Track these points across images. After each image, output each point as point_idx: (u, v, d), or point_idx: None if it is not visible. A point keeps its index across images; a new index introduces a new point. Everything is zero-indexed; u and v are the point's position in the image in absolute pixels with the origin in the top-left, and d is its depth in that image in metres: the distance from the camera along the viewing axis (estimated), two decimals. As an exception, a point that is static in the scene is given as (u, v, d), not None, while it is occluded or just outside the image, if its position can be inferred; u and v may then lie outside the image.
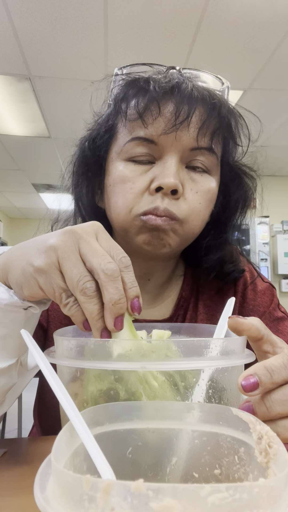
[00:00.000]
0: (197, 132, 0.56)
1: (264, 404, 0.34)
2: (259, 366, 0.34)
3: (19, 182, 5.50)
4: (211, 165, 0.60)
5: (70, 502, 0.20)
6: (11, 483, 0.42)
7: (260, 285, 0.74)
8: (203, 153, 0.58)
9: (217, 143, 0.60)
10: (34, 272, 0.39)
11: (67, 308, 0.38)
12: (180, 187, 0.55)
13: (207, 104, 0.57)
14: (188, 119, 0.55)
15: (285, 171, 4.99)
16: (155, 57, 2.55)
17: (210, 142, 0.58)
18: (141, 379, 0.35)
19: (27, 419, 1.18)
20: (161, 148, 0.57)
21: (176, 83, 0.56)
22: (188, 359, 0.34)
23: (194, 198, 0.58)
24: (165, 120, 0.56)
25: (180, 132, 0.56)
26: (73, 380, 0.37)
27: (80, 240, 0.38)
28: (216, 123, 0.58)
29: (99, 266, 0.36)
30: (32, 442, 0.56)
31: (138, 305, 0.39)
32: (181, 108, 0.55)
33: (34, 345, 0.36)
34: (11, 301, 0.42)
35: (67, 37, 2.39)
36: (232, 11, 2.18)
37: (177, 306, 0.71)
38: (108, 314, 0.37)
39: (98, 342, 0.35)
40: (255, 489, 0.19)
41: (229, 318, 0.39)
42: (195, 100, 0.56)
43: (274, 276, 4.89)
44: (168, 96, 0.56)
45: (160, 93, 0.56)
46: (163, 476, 0.31)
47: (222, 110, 0.58)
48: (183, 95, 0.55)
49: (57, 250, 0.38)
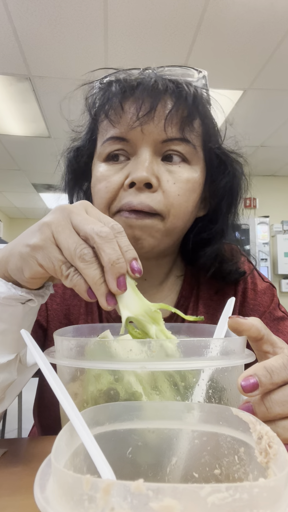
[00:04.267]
0: (164, 123, 0.55)
1: (264, 405, 0.34)
2: (259, 367, 0.34)
3: (19, 182, 5.50)
4: (189, 154, 0.58)
5: (70, 502, 0.20)
6: (11, 483, 0.42)
7: (260, 285, 0.73)
8: (176, 144, 0.57)
9: (191, 132, 0.58)
10: (31, 251, 0.39)
11: (68, 279, 0.38)
12: (153, 180, 0.54)
13: (173, 95, 0.56)
14: (152, 111, 0.55)
15: (285, 171, 4.99)
16: (155, 57, 2.54)
17: (180, 131, 0.56)
18: (141, 379, 0.35)
19: (27, 419, 1.18)
20: (133, 144, 0.57)
21: (141, 79, 0.57)
22: (188, 359, 0.34)
23: (172, 189, 0.56)
24: (130, 116, 0.56)
25: (147, 126, 0.55)
26: (73, 380, 0.37)
27: (71, 213, 0.39)
28: (184, 112, 0.56)
29: (92, 231, 0.37)
30: (32, 442, 0.56)
31: (137, 266, 0.39)
32: (144, 101, 0.55)
33: (34, 345, 0.36)
34: (9, 294, 0.43)
35: (67, 37, 2.39)
36: (232, 11, 2.18)
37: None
38: (109, 276, 0.37)
39: (98, 342, 0.35)
40: (255, 489, 0.19)
41: (229, 318, 0.39)
42: (159, 92, 0.55)
43: (274, 276, 4.89)
44: (131, 93, 0.56)
45: (122, 91, 0.56)
46: (163, 476, 0.31)
47: (189, 98, 0.56)
48: (145, 89, 0.55)
49: (51, 225, 0.39)
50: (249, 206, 4.95)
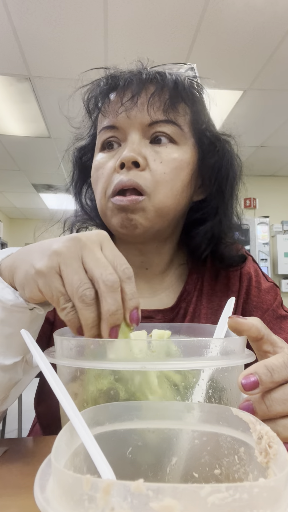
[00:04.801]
0: (147, 107, 0.59)
1: (264, 403, 0.34)
2: (260, 365, 0.34)
3: (19, 182, 5.50)
4: (175, 135, 0.61)
5: (70, 502, 0.20)
6: (11, 483, 0.42)
7: (264, 284, 0.74)
8: (162, 125, 0.60)
9: (175, 114, 0.60)
10: (34, 274, 0.39)
11: (64, 313, 0.38)
12: (139, 159, 0.57)
13: (155, 81, 0.60)
14: (135, 97, 0.59)
15: (285, 171, 4.99)
16: (155, 57, 2.54)
17: (164, 113, 0.59)
18: (141, 379, 0.35)
19: (27, 419, 1.18)
20: (122, 131, 0.61)
21: (126, 72, 0.62)
22: (188, 359, 0.34)
23: (158, 168, 0.59)
24: (117, 104, 0.60)
25: (132, 111, 0.59)
26: (73, 380, 0.37)
27: (84, 248, 0.39)
28: (166, 95, 0.59)
29: (100, 276, 0.37)
30: (32, 442, 0.56)
31: (136, 316, 0.39)
32: (128, 89, 0.59)
33: (34, 345, 0.36)
34: (16, 302, 0.43)
35: (67, 37, 2.39)
36: (232, 11, 2.18)
37: (180, 298, 0.70)
38: (104, 324, 0.37)
39: (98, 342, 0.35)
40: (255, 489, 0.19)
41: (229, 318, 0.39)
42: (142, 81, 0.59)
43: (274, 276, 4.89)
44: (117, 84, 0.61)
45: (108, 83, 0.61)
46: (163, 476, 0.31)
47: (171, 84, 0.60)
48: (130, 79, 0.60)
49: (60, 255, 0.38)
50: (249, 206, 4.96)
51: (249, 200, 4.93)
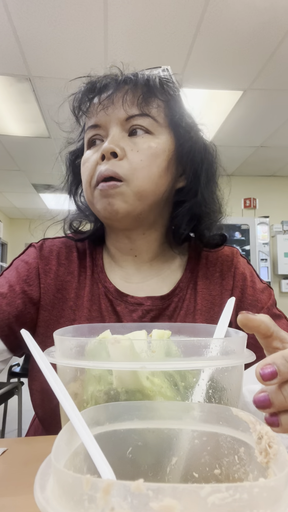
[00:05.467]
0: (122, 103, 0.65)
1: (282, 394, 0.33)
2: (278, 356, 0.34)
3: (19, 182, 5.50)
4: (151, 126, 0.66)
5: (70, 502, 0.20)
6: (11, 483, 0.42)
7: (259, 284, 0.75)
8: (137, 119, 0.66)
9: (149, 107, 0.66)
10: None
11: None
12: (117, 149, 0.63)
13: (129, 81, 0.66)
14: (112, 96, 0.65)
15: (285, 171, 4.99)
16: (155, 57, 2.55)
17: (138, 108, 0.65)
18: (141, 379, 0.35)
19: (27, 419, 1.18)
20: (104, 128, 0.67)
21: (104, 76, 0.68)
22: (188, 359, 0.34)
23: (134, 156, 0.64)
24: (97, 104, 0.67)
25: (110, 108, 0.66)
26: (73, 380, 0.37)
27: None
28: (140, 92, 0.66)
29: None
30: (32, 442, 0.56)
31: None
32: (105, 90, 0.66)
33: (34, 345, 0.36)
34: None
35: (67, 37, 2.39)
36: (232, 11, 2.18)
37: (173, 293, 0.72)
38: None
39: (98, 342, 0.35)
40: (255, 489, 0.19)
41: (239, 314, 0.39)
42: (118, 82, 0.66)
43: (274, 276, 4.89)
44: (96, 86, 0.67)
45: (89, 87, 0.68)
46: (163, 476, 0.31)
47: (143, 82, 0.66)
48: (107, 81, 0.66)
49: None
50: (249, 206, 4.96)
51: (249, 200, 4.93)
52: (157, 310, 0.70)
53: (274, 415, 0.34)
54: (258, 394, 0.34)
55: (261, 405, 0.33)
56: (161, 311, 0.71)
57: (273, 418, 0.32)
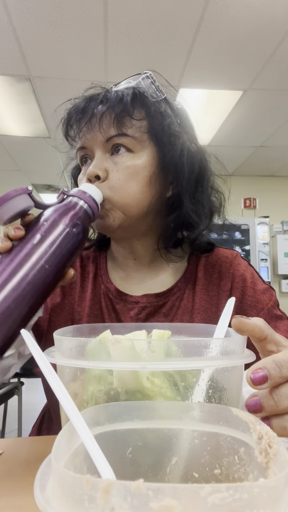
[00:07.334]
0: (99, 128, 0.67)
1: (273, 398, 0.33)
2: (268, 360, 0.34)
3: (19, 182, 5.50)
4: (131, 145, 0.68)
5: (70, 502, 0.20)
6: (11, 483, 0.42)
7: (260, 285, 0.75)
8: (116, 139, 0.67)
9: (125, 127, 0.67)
10: None
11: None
12: (99, 172, 0.66)
13: (105, 103, 0.67)
14: (90, 121, 0.68)
15: (285, 171, 4.99)
16: (155, 58, 2.55)
17: (115, 129, 0.67)
18: (141, 379, 0.35)
19: (27, 419, 1.19)
20: (90, 149, 0.70)
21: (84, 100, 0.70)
22: (188, 359, 0.34)
23: (115, 176, 0.67)
24: (80, 128, 0.70)
25: (90, 133, 0.68)
26: (73, 380, 0.37)
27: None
28: (113, 113, 0.66)
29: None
30: (32, 442, 0.56)
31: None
32: (84, 116, 0.68)
33: (34, 345, 0.36)
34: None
35: (67, 37, 2.39)
36: (232, 11, 2.18)
37: (170, 291, 0.75)
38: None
39: (98, 342, 0.35)
40: (255, 489, 0.19)
41: (233, 318, 0.39)
42: (94, 105, 0.68)
43: (274, 276, 4.89)
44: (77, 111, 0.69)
45: (71, 114, 0.70)
46: (163, 476, 0.31)
47: (116, 101, 0.66)
48: (85, 107, 0.68)
49: None
50: (249, 206, 4.96)
51: (249, 200, 4.93)
52: (152, 307, 0.73)
53: (265, 419, 0.34)
54: (249, 399, 0.34)
55: (253, 410, 0.34)
56: (157, 308, 0.74)
57: (265, 422, 0.33)
